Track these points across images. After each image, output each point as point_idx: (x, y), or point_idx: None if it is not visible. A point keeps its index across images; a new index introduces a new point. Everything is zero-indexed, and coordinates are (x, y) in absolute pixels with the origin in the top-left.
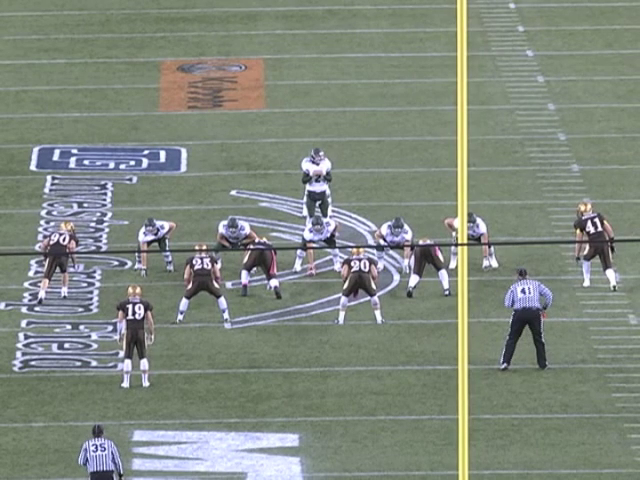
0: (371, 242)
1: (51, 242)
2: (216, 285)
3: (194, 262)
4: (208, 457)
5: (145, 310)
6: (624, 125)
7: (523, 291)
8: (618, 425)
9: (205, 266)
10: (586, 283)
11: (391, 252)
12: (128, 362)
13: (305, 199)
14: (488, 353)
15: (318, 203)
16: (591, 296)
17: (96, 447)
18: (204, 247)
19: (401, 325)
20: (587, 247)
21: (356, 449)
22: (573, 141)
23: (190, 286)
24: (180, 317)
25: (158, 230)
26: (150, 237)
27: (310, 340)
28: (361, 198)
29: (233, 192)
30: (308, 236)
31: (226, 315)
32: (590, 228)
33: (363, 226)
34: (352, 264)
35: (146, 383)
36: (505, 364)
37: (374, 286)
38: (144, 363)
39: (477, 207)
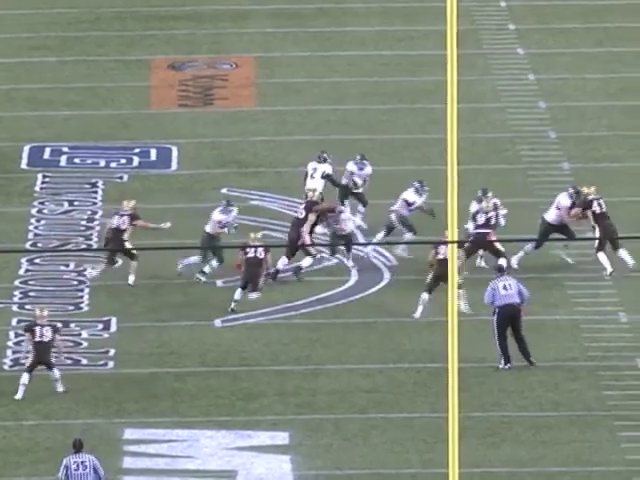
0: (361, 240)
1: (111, 226)
2: (262, 278)
3: (247, 250)
4: (199, 455)
5: (53, 333)
6: (615, 123)
7: (505, 287)
8: (609, 423)
9: (258, 255)
10: (609, 270)
11: (380, 249)
12: (26, 376)
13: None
14: (479, 351)
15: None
16: (582, 294)
17: (77, 465)
18: (258, 235)
19: (392, 323)
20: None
21: (347, 447)
22: (564, 139)
23: (242, 274)
24: (233, 305)
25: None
26: (222, 216)
27: (301, 338)
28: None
29: (224, 190)
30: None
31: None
32: (596, 208)
33: (354, 225)
34: (439, 250)
35: (60, 389)
36: (508, 364)
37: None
38: (55, 372)
39: (468, 206)
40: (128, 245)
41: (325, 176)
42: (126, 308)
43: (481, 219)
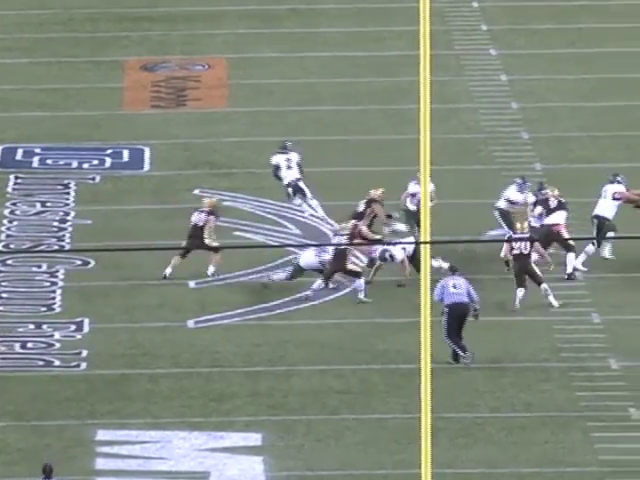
0: (334, 240)
1: (191, 224)
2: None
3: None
4: (171, 456)
5: None
6: (587, 124)
7: (454, 286)
8: (581, 424)
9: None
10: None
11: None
12: None
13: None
14: (448, 350)
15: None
16: (555, 295)
17: None
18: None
19: (365, 324)
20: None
21: (319, 448)
22: (536, 140)
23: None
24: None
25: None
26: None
27: (273, 339)
28: (325, 197)
29: (196, 191)
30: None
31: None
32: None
33: (327, 225)
34: (513, 245)
35: None
36: (467, 352)
37: (538, 271)
38: None
39: (440, 206)
40: (207, 242)
41: (300, 164)
42: (99, 309)
43: (538, 210)
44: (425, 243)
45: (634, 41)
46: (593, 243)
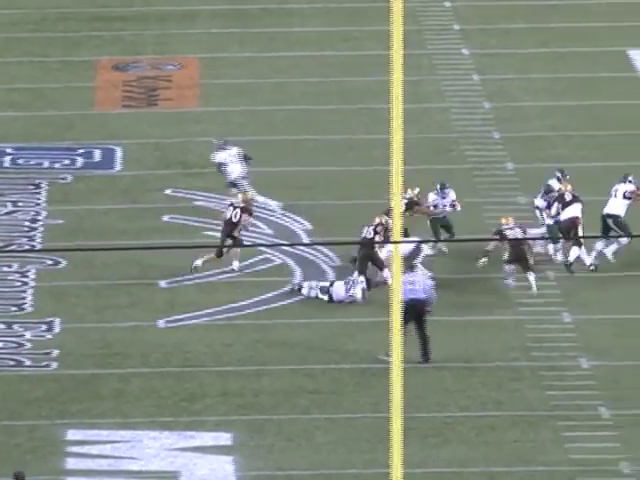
0: (305, 240)
1: (225, 217)
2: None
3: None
4: (142, 456)
5: None
6: (559, 123)
7: (412, 283)
8: (551, 423)
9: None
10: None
11: (325, 250)
12: None
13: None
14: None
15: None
16: (525, 294)
17: None
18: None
19: (335, 323)
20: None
21: (290, 448)
22: (508, 139)
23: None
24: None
25: None
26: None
27: (244, 339)
28: (296, 196)
29: (168, 191)
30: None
31: None
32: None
33: (298, 225)
34: (507, 232)
35: None
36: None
37: (531, 259)
38: None
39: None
40: (237, 236)
41: (245, 157)
42: (70, 309)
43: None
44: (396, 242)
45: (606, 40)
46: (603, 241)
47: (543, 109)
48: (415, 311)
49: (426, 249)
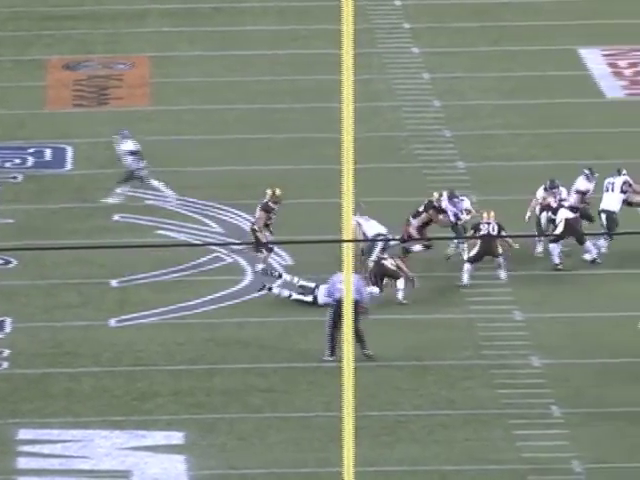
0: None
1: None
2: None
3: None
4: (93, 455)
5: None
6: (509, 122)
7: (342, 282)
8: (503, 421)
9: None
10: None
11: (276, 248)
12: None
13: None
14: (374, 350)
15: None
16: (477, 292)
17: None
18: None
19: (287, 322)
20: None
21: (242, 447)
22: (458, 138)
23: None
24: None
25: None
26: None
27: (195, 338)
28: (248, 195)
29: (119, 190)
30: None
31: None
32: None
33: (249, 224)
34: (481, 227)
35: None
36: (333, 356)
37: (500, 250)
38: None
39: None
40: (260, 236)
41: (134, 152)
42: (20, 308)
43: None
44: (346, 242)
45: (556, 39)
46: (605, 238)
47: (493, 108)
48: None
49: (379, 246)
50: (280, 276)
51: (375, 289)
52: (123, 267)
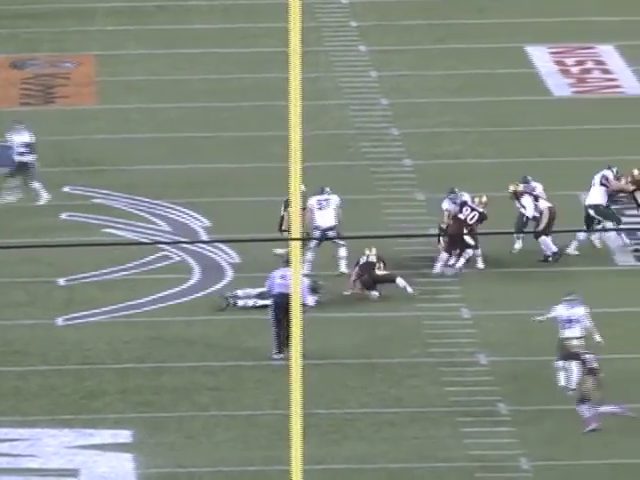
0: (204, 238)
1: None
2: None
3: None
4: (41, 454)
5: None
6: (456, 119)
7: (282, 277)
8: (451, 419)
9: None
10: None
11: (225, 247)
12: None
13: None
14: (322, 348)
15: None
16: (424, 290)
17: None
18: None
19: (235, 320)
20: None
21: (190, 445)
22: (406, 136)
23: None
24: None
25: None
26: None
27: (142, 336)
28: (195, 194)
29: (66, 189)
30: None
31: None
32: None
33: (197, 222)
34: (460, 216)
35: None
36: (280, 354)
37: (472, 241)
38: None
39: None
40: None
41: (28, 144)
42: None
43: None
44: (295, 240)
45: (503, 37)
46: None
47: (440, 105)
48: (283, 305)
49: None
50: (235, 296)
51: (375, 293)
52: (71, 266)
